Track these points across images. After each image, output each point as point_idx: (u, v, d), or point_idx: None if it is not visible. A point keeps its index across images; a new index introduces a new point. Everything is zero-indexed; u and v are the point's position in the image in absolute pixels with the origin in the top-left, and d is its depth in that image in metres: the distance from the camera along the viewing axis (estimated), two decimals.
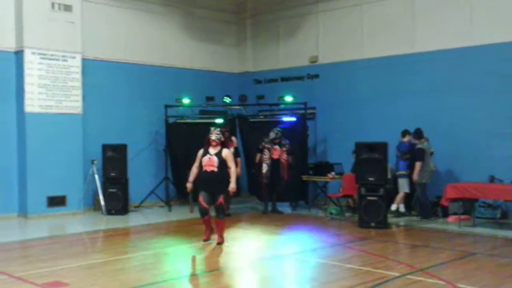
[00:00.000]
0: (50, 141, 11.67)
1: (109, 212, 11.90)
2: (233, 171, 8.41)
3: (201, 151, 8.54)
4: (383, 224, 10.08)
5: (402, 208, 11.21)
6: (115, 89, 13.02)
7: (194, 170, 8.59)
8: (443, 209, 11.05)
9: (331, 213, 11.58)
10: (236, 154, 11.16)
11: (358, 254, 8.12)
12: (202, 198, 8.42)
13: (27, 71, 11.49)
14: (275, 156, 11.85)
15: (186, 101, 13.21)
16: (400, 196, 11.21)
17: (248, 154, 13.00)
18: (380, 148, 10.36)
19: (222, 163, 8.36)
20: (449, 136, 11.61)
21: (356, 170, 10.66)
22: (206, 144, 8.52)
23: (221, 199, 8.39)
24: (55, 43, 11.84)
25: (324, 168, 12.45)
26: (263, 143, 11.95)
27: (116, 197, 11.96)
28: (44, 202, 11.58)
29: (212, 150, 8.45)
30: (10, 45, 11.62)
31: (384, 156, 10.32)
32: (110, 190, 12.00)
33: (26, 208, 11.44)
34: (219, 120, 12.83)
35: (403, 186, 11.19)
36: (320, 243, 9.05)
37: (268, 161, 11.85)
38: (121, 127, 12.90)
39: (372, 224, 10.10)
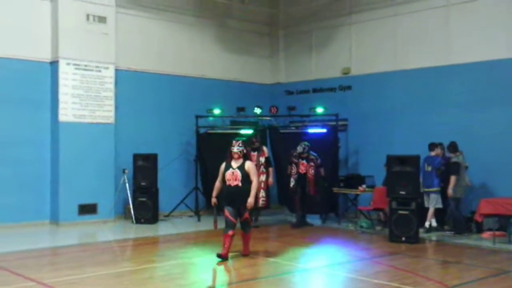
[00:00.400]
0: (82, 150, 11.84)
1: (139, 221, 11.98)
2: (254, 185, 8.13)
3: (223, 165, 8.31)
4: (414, 239, 9.86)
5: (434, 223, 10.94)
6: (147, 100, 13.16)
7: (217, 185, 8.40)
8: (477, 225, 10.75)
9: (361, 227, 11.42)
10: (268, 164, 11.65)
11: (386, 269, 7.95)
12: (228, 212, 8.19)
13: (61, 81, 11.71)
14: (302, 171, 11.72)
15: (216, 111, 13.25)
16: (431, 211, 10.94)
17: (278, 165, 12.91)
18: (412, 161, 10.18)
19: (246, 176, 8.12)
20: (484, 150, 11.30)
21: (388, 183, 10.48)
22: (228, 157, 8.30)
23: (247, 214, 8.24)
24: (89, 54, 12.05)
25: (355, 180, 12.27)
26: (291, 157, 11.86)
27: (146, 206, 12.04)
28: (76, 210, 11.74)
29: (234, 164, 8.21)
30: (46, 56, 11.86)
31: (416, 170, 10.14)
32: (140, 199, 12.09)
33: (58, 215, 11.61)
34: (249, 131, 12.79)
35: (436, 201, 10.92)
36: (348, 257, 8.90)
37: (295, 176, 11.73)
38: (152, 137, 13.01)
39: (403, 238, 9.89)
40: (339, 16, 14.29)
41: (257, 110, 13.32)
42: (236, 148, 8.21)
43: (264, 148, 11.76)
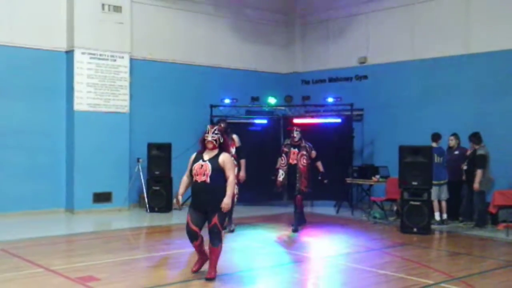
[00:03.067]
0: (97, 139, 11.95)
1: (153, 209, 12.08)
2: (231, 182, 6.47)
3: (193, 156, 6.71)
4: (426, 230, 9.76)
5: (444, 216, 10.79)
6: (162, 89, 13.21)
7: (184, 179, 6.79)
8: (492, 217, 10.57)
9: (374, 217, 11.35)
10: (239, 155, 9.63)
11: (394, 260, 7.89)
12: (190, 217, 6.56)
13: (76, 71, 11.81)
14: (293, 161, 9.99)
15: (231, 101, 13.24)
16: (443, 204, 10.78)
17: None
18: (425, 151, 10.08)
19: (218, 171, 6.43)
20: (503, 140, 11.07)
21: (400, 174, 10.37)
22: (200, 146, 6.72)
23: (215, 219, 6.43)
24: (104, 43, 12.13)
25: (369, 171, 12.19)
26: (282, 146, 10.31)
27: (160, 195, 12.13)
28: (90, 198, 11.88)
29: (206, 155, 6.55)
30: (61, 45, 11.97)
31: (429, 160, 10.01)
32: (154, 188, 12.19)
33: (73, 203, 11.76)
34: (263, 121, 12.77)
35: (444, 193, 10.73)
36: (357, 247, 8.84)
37: (285, 168, 10.01)
38: (166, 126, 13.07)
39: (415, 229, 9.80)
40: (356, 4, 14.13)
41: (270, 101, 13.29)
42: (210, 136, 6.56)
43: (235, 137, 9.79)
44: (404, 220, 9.97)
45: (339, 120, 12.91)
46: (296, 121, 13.26)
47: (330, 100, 13.08)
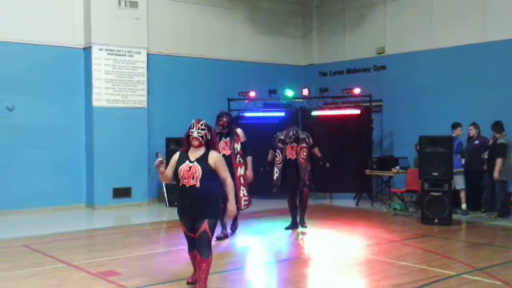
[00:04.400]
0: (116, 134, 12.02)
1: (172, 204, 12.10)
2: (229, 184, 5.61)
3: (176, 156, 5.77)
4: (447, 221, 9.66)
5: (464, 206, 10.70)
6: (179, 83, 13.23)
7: (167, 172, 5.84)
8: None
9: (394, 209, 11.26)
10: (245, 152, 8.58)
11: (415, 251, 7.82)
12: (186, 228, 5.72)
13: (94, 67, 11.87)
14: (292, 156, 9.11)
15: (249, 94, 13.21)
16: (463, 194, 10.66)
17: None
18: (445, 142, 9.95)
19: (209, 174, 5.50)
20: None
21: (420, 165, 10.26)
22: (184, 143, 5.72)
23: (205, 225, 5.48)
24: (122, 39, 12.17)
25: (388, 162, 12.08)
26: (275, 141, 9.22)
27: None
28: (110, 194, 11.96)
29: (192, 155, 5.58)
30: (79, 42, 12.04)
31: (449, 150, 9.89)
32: (173, 182, 12.16)
33: (93, 199, 11.86)
34: (280, 113, 12.72)
35: (458, 183, 10.58)
36: (377, 239, 8.77)
37: (280, 165, 9.12)
38: (184, 121, 12.82)
39: (436, 220, 9.70)
40: None
41: (288, 93, 13.23)
42: (196, 132, 5.57)
43: (239, 131, 8.61)
44: (424, 211, 9.87)
45: (358, 112, 12.80)
46: (314, 113, 13.23)
47: (357, 91, 12.87)
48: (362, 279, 6.60)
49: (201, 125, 5.61)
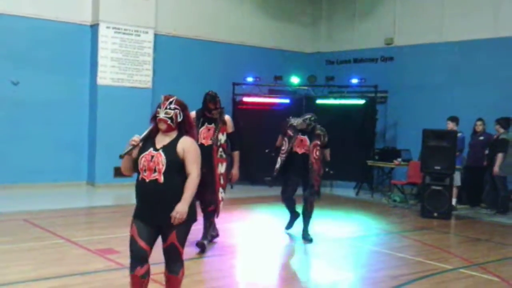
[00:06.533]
0: (119, 113, 11.97)
1: None
2: (192, 179, 4.17)
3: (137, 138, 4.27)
4: (447, 215, 9.67)
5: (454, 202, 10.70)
6: (185, 65, 13.16)
7: (125, 162, 4.36)
8: None
9: (394, 200, 11.27)
10: (232, 145, 6.95)
11: (413, 244, 7.84)
12: (136, 229, 4.25)
13: (101, 45, 11.81)
14: (300, 150, 7.60)
15: (253, 79, 13.18)
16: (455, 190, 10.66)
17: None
18: (450, 136, 9.94)
19: (176, 165, 4.18)
20: None
21: (422, 158, 10.25)
22: (151, 127, 4.32)
23: (173, 236, 4.20)
24: (129, 18, 12.10)
25: (390, 154, 12.08)
26: (285, 127, 7.76)
27: None
28: (111, 172, 11.93)
29: (159, 141, 4.27)
30: (86, 19, 11.98)
31: (453, 145, 9.88)
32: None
33: (94, 177, 11.88)
34: (286, 100, 12.69)
35: (456, 179, 10.53)
36: (376, 230, 8.80)
37: (284, 156, 7.62)
38: (189, 103, 12.84)
39: (435, 214, 9.71)
40: None
41: (293, 80, 13.19)
42: (163, 112, 4.25)
43: (227, 119, 6.85)
44: (424, 204, 9.88)
45: (362, 102, 12.77)
46: (319, 101, 13.20)
47: (355, 81, 12.92)
48: (360, 269, 6.62)
49: (171, 103, 4.28)
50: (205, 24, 13.53)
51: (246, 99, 13.15)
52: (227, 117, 6.82)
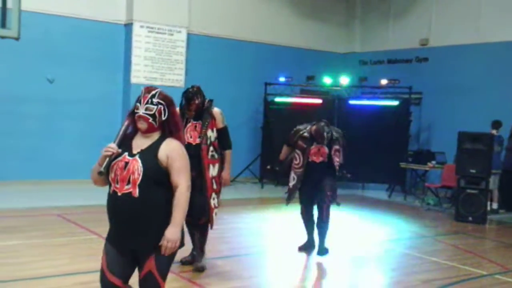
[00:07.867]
0: None
1: None
2: (181, 194, 3.31)
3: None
4: (482, 219, 9.46)
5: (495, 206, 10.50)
6: (217, 65, 13.18)
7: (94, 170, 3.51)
8: None
9: (428, 203, 11.10)
10: (222, 142, 5.90)
11: (446, 248, 7.69)
12: (107, 263, 3.40)
13: (135, 44, 11.93)
14: (317, 159, 6.73)
15: (285, 79, 13.12)
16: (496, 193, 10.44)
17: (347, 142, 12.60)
18: (486, 139, 9.73)
19: (156, 175, 3.32)
20: None
21: (457, 161, 10.05)
22: (129, 126, 3.50)
23: (150, 264, 3.32)
24: (163, 17, 12.19)
25: (424, 156, 11.86)
26: (296, 137, 6.80)
27: None
28: None
29: (137, 144, 3.43)
30: (121, 18, 12.11)
31: (489, 148, 9.66)
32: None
33: None
34: (318, 101, 12.60)
35: (494, 183, 10.34)
36: (409, 233, 8.65)
37: (300, 170, 6.76)
38: (220, 103, 12.72)
39: (470, 218, 9.51)
40: None
41: (326, 81, 13.10)
42: (143, 108, 3.38)
43: (217, 112, 5.91)
44: (459, 208, 9.69)
45: (396, 103, 12.61)
46: (352, 102, 13.09)
47: (384, 82, 12.74)
48: (391, 273, 6.50)
49: (154, 96, 3.40)
50: (237, 24, 13.53)
51: (278, 99, 13.10)
52: (216, 110, 5.86)
